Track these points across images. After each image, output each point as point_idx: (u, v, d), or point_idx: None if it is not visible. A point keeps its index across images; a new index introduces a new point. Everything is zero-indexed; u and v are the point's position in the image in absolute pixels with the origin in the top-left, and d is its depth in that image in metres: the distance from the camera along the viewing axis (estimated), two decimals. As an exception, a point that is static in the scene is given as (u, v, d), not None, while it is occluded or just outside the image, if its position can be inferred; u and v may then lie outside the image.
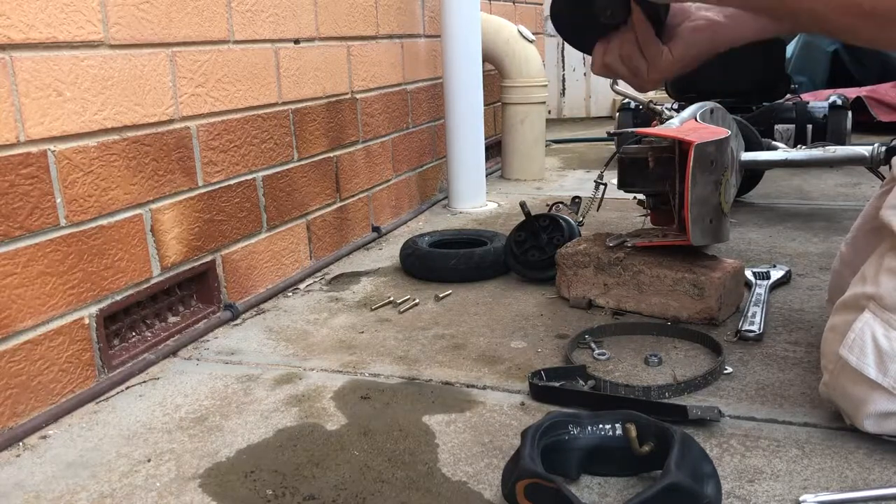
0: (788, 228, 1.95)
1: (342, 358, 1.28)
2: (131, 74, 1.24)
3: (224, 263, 1.48)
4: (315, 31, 1.74)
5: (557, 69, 4.76)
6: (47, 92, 1.09)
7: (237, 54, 1.48)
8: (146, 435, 1.06)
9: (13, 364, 1.06)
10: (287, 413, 1.10)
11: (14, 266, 1.05)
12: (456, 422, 1.05)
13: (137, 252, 1.26)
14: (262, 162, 1.57)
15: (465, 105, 2.26)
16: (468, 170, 2.32)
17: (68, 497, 0.92)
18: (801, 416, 1.01)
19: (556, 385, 1.09)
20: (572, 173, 2.94)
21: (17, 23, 1.04)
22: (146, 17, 1.26)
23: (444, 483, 0.91)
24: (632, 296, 1.40)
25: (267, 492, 0.91)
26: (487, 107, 2.67)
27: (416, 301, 1.53)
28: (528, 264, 1.61)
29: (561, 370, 1.13)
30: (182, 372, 1.26)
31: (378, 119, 2.07)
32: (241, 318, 1.49)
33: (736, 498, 0.85)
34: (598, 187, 1.66)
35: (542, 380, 1.10)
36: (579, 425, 0.89)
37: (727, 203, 1.45)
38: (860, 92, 3.51)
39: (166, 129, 1.32)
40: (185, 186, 1.37)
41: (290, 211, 1.68)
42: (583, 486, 0.88)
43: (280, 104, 1.63)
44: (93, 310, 1.18)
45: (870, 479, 0.87)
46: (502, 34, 2.66)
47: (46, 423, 1.09)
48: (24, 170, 1.06)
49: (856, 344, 0.89)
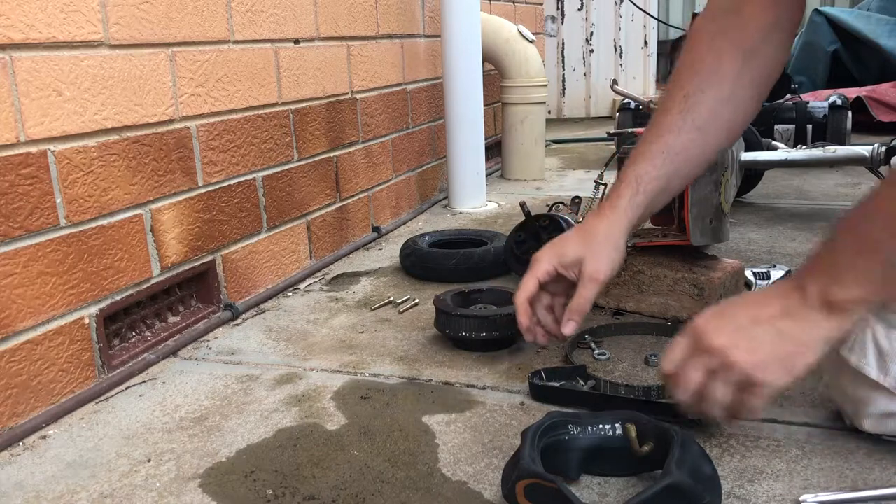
0: (788, 228, 1.94)
1: (342, 358, 1.28)
2: (131, 74, 1.23)
3: (224, 263, 1.48)
4: (315, 31, 1.74)
5: (557, 69, 4.76)
6: (47, 92, 1.09)
7: (237, 54, 1.48)
8: (146, 435, 1.06)
9: (13, 364, 1.06)
10: (287, 413, 1.10)
11: (14, 266, 1.05)
12: (456, 422, 1.05)
13: (137, 252, 1.26)
14: (262, 162, 1.57)
15: (465, 105, 2.26)
16: (468, 170, 2.32)
17: (68, 497, 0.92)
18: (801, 416, 1.01)
19: (556, 385, 1.09)
20: (572, 173, 2.94)
21: (17, 23, 1.04)
22: (146, 17, 1.26)
23: (444, 483, 0.91)
24: (632, 296, 1.40)
25: (267, 492, 0.91)
26: (487, 107, 2.67)
27: (416, 301, 1.53)
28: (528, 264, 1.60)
29: (561, 370, 1.13)
30: (182, 372, 1.26)
31: (378, 119, 2.07)
32: (241, 318, 1.49)
33: (736, 498, 0.85)
34: (598, 187, 1.66)
35: (542, 380, 1.10)
36: (579, 425, 0.89)
37: (727, 203, 1.45)
38: (860, 92, 3.51)
39: (166, 129, 1.32)
40: (185, 186, 1.37)
41: (290, 211, 1.68)
42: (583, 486, 0.88)
43: (280, 104, 1.63)
44: (93, 310, 1.18)
45: (870, 479, 0.87)
46: (502, 34, 2.66)
47: (46, 423, 1.09)
48: (24, 170, 1.06)
49: (856, 344, 0.89)
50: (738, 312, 0.84)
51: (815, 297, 0.80)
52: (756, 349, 0.81)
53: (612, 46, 4.81)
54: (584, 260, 1.02)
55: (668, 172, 1.01)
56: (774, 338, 0.81)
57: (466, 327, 1.25)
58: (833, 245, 0.82)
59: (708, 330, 0.84)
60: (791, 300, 0.82)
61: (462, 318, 1.25)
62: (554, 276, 1.05)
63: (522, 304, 1.07)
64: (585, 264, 1.02)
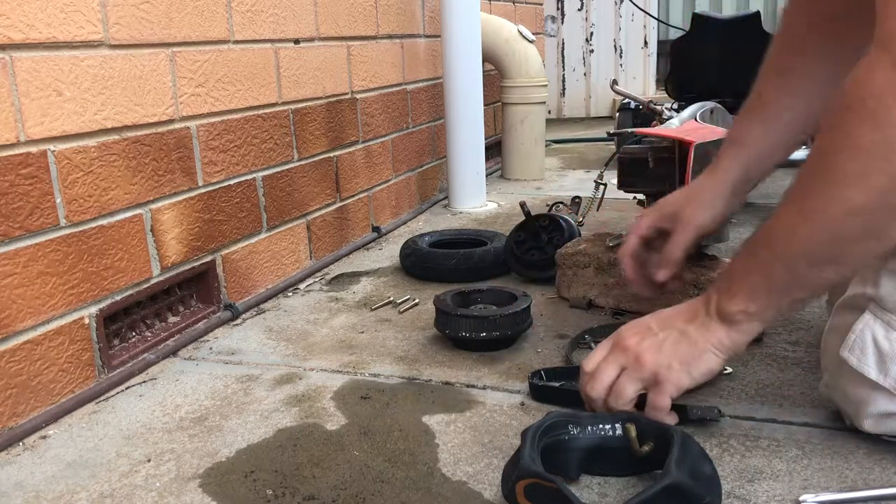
0: (788, 228, 1.94)
1: (342, 358, 1.28)
2: (131, 74, 1.24)
3: (224, 263, 1.48)
4: (315, 31, 1.74)
5: (557, 69, 4.76)
6: (47, 92, 1.09)
7: (237, 54, 1.48)
8: (146, 435, 1.06)
9: (13, 364, 1.06)
10: (287, 413, 1.10)
11: (14, 266, 1.05)
12: (456, 422, 1.05)
13: (137, 252, 1.26)
14: (262, 162, 1.57)
15: (465, 105, 2.26)
16: (468, 170, 2.32)
17: (68, 497, 0.92)
18: (801, 416, 1.01)
19: (556, 385, 1.09)
20: (572, 173, 2.94)
21: (17, 23, 1.04)
22: (146, 17, 1.26)
23: (444, 483, 0.91)
24: (632, 296, 1.40)
25: (267, 492, 0.91)
26: (487, 107, 2.67)
27: (416, 301, 1.53)
28: (528, 264, 1.61)
29: (561, 370, 1.13)
30: (182, 372, 1.26)
31: (378, 119, 2.07)
32: (241, 318, 1.49)
33: (736, 498, 0.85)
34: (598, 187, 1.66)
35: (541, 380, 1.10)
36: (579, 425, 0.89)
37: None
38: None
39: (166, 129, 1.32)
40: (185, 186, 1.37)
41: (290, 211, 1.68)
42: (583, 486, 0.88)
43: (280, 104, 1.63)
44: (93, 310, 1.18)
45: (870, 479, 0.87)
46: (502, 34, 2.66)
47: (46, 423, 1.09)
48: (24, 170, 1.06)
49: (856, 345, 0.89)
50: (653, 319, 0.95)
51: (714, 307, 0.90)
52: (661, 350, 0.91)
53: (612, 46, 4.82)
54: (683, 210, 1.11)
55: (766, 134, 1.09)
56: (677, 341, 0.91)
57: (466, 327, 1.25)
58: (734, 262, 0.92)
59: (625, 333, 0.94)
60: (696, 309, 0.92)
61: (462, 318, 1.25)
62: (655, 230, 1.13)
63: (627, 260, 1.17)
64: (682, 213, 1.11)
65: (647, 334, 0.93)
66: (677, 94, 2.75)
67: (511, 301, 1.31)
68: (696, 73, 2.65)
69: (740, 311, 0.87)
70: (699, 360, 0.90)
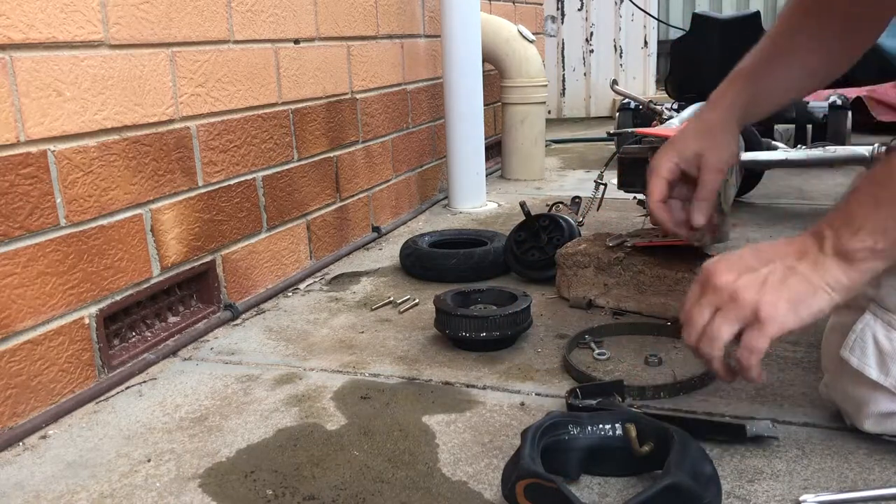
0: (788, 228, 1.94)
1: (342, 358, 1.28)
2: (131, 74, 1.23)
3: (224, 263, 1.48)
4: (315, 31, 1.74)
5: (557, 69, 4.76)
6: (47, 92, 1.09)
7: (237, 54, 1.48)
8: (146, 435, 1.06)
9: (13, 364, 1.05)
10: (287, 413, 1.10)
11: (14, 266, 1.05)
12: (456, 422, 1.05)
13: (137, 252, 1.26)
14: (262, 162, 1.57)
15: (465, 105, 2.26)
16: (468, 170, 2.32)
17: (68, 497, 0.92)
18: (801, 416, 1.01)
19: (594, 403, 1.01)
20: (572, 173, 2.94)
21: (17, 23, 1.04)
22: (146, 17, 1.26)
23: (444, 483, 0.91)
24: (632, 296, 1.40)
25: (267, 492, 0.91)
26: (487, 107, 2.67)
27: (416, 301, 1.53)
28: (528, 264, 1.61)
29: (596, 386, 1.05)
30: (182, 372, 1.26)
31: (378, 119, 2.07)
32: (241, 318, 1.49)
33: (736, 498, 0.85)
34: (598, 187, 1.66)
35: (577, 398, 1.02)
36: (579, 425, 0.89)
37: (727, 203, 1.45)
38: (860, 92, 3.51)
39: (166, 129, 1.32)
40: (185, 186, 1.37)
41: (290, 211, 1.68)
42: (583, 486, 0.88)
43: (280, 104, 1.63)
44: (93, 310, 1.18)
45: (870, 479, 0.87)
46: (502, 34, 2.66)
47: (46, 423, 1.09)
48: (24, 170, 1.06)
49: (857, 345, 0.89)
50: (747, 254, 0.86)
51: (830, 244, 0.81)
52: (764, 286, 0.81)
53: (612, 46, 4.81)
54: (704, 152, 1.08)
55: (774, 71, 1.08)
56: (785, 276, 0.81)
57: (466, 327, 1.25)
58: (852, 197, 0.82)
59: (716, 270, 0.85)
60: (806, 245, 0.83)
61: (462, 318, 1.25)
62: (677, 173, 1.10)
63: (657, 206, 1.11)
64: (707, 156, 1.07)
65: (744, 271, 0.83)
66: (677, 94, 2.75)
67: (511, 301, 1.30)
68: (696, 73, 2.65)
69: (866, 247, 0.79)
70: (811, 300, 0.80)
